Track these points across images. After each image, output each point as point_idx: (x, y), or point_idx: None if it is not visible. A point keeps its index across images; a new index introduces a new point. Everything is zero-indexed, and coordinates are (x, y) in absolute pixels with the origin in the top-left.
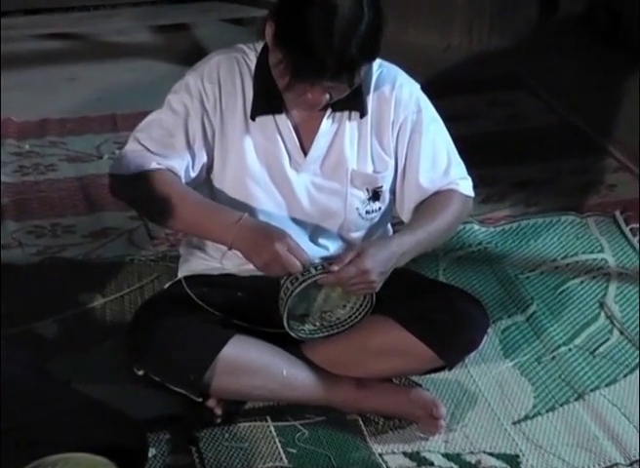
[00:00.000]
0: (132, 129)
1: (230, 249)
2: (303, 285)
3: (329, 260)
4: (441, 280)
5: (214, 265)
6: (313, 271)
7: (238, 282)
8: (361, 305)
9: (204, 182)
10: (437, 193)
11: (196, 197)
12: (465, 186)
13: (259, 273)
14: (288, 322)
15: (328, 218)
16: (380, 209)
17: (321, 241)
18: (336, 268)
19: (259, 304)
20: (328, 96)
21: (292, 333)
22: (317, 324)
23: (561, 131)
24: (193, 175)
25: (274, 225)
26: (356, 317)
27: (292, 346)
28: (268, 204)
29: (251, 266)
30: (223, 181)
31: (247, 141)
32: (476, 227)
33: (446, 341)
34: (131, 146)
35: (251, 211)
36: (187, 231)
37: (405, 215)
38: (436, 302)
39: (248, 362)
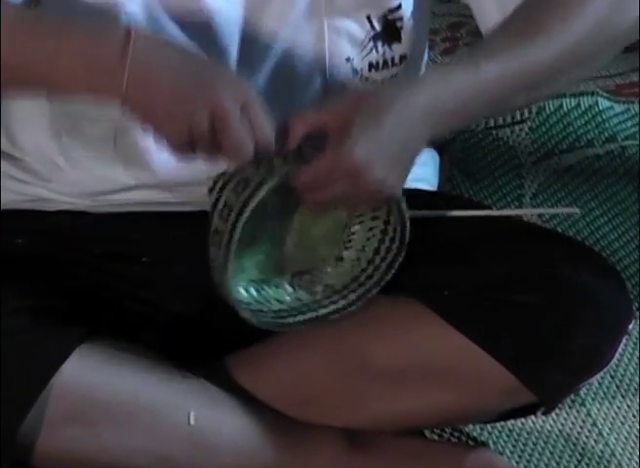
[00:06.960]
0: None
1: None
2: (262, 191)
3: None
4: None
5: (40, 192)
6: (280, 164)
7: (93, 224)
8: (378, 248)
9: None
10: None
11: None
12: None
13: (138, 208)
14: (231, 288)
15: (284, 82)
16: (402, 59)
17: None
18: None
19: (134, 268)
20: None
21: (244, 315)
22: (288, 291)
23: None
24: None
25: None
26: (370, 278)
27: (209, 365)
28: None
29: (124, 195)
30: None
31: None
32: (605, 104)
33: (540, 352)
34: None
35: None
36: (17, 81)
37: None
38: (518, 268)
39: (113, 396)
